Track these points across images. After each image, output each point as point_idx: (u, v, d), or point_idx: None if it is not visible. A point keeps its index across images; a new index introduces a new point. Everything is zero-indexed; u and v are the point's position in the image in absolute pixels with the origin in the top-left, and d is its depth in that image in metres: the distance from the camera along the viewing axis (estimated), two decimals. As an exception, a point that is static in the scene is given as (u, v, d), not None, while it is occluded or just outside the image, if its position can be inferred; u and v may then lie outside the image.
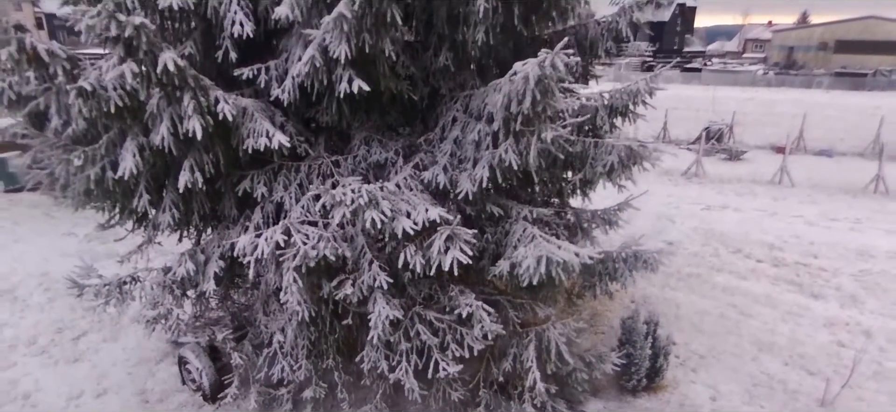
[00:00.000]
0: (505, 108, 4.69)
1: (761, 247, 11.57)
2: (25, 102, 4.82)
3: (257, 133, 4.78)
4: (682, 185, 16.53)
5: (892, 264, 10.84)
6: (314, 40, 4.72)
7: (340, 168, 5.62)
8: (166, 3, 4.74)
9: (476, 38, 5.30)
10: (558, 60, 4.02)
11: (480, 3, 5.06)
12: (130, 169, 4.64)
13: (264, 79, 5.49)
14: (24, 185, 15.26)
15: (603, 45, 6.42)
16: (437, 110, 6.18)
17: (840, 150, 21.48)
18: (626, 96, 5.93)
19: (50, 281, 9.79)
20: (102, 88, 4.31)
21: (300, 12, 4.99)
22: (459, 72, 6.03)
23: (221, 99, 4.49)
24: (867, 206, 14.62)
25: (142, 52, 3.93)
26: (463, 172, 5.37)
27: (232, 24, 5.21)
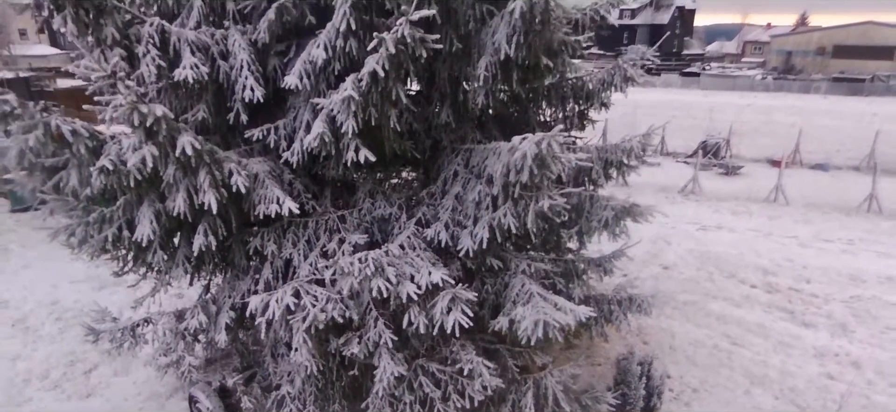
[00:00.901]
0: (504, 176, 4.93)
1: (755, 271, 11.81)
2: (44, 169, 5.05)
3: (268, 199, 5.01)
4: (680, 204, 16.77)
5: (883, 289, 11.09)
6: (322, 111, 4.96)
7: (346, 223, 5.86)
8: (181, 76, 4.98)
9: (476, 100, 5.54)
10: (554, 143, 4.26)
11: (480, 71, 5.30)
12: (148, 235, 4.88)
13: (273, 138, 5.73)
14: (30, 205, 15.50)
15: (598, 98, 6.65)
16: (439, 162, 6.42)
17: (836, 163, 21.73)
18: (621, 152, 6.16)
19: (60, 310, 10.03)
20: (122, 164, 4.55)
21: (308, 81, 5.25)
22: (460, 125, 6.27)
23: (235, 171, 4.73)
24: (860, 225, 14.86)
25: (162, 136, 4.17)
26: (464, 229, 5.61)
27: (243, 90, 5.46)
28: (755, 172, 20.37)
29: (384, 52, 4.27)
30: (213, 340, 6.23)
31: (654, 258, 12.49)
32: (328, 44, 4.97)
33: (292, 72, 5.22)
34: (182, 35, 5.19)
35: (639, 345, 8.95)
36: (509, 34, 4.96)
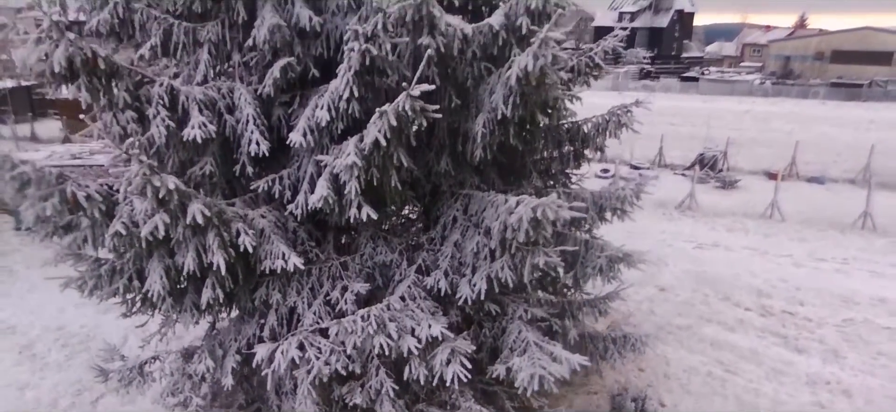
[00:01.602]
0: (501, 232, 5.12)
1: (750, 293, 12.00)
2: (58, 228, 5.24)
3: (274, 255, 5.20)
4: (676, 220, 16.96)
5: (875, 312, 11.29)
6: (325, 170, 5.15)
7: (348, 270, 6.05)
8: (190, 137, 5.16)
9: (475, 153, 5.72)
10: (549, 211, 4.44)
11: (479, 128, 5.49)
12: (158, 290, 5.06)
13: (278, 189, 5.92)
14: (35, 223, 15.68)
15: (594, 142, 6.84)
16: (438, 205, 6.61)
17: (832, 176, 21.91)
18: (615, 199, 6.35)
19: (67, 336, 10.22)
20: (134, 225, 4.73)
21: (312, 137, 5.43)
22: (459, 171, 6.45)
23: (242, 231, 4.91)
24: (855, 243, 15.06)
25: (173, 204, 4.35)
26: (463, 278, 5.80)
27: (249, 144, 5.64)
28: (752, 185, 20.56)
29: (386, 123, 4.46)
30: (220, 382, 6.41)
31: (651, 279, 12.66)
32: (331, 105, 5.15)
33: (297, 129, 5.40)
34: (190, 94, 5.37)
35: (634, 372, 9.13)
36: (506, 95, 5.14)
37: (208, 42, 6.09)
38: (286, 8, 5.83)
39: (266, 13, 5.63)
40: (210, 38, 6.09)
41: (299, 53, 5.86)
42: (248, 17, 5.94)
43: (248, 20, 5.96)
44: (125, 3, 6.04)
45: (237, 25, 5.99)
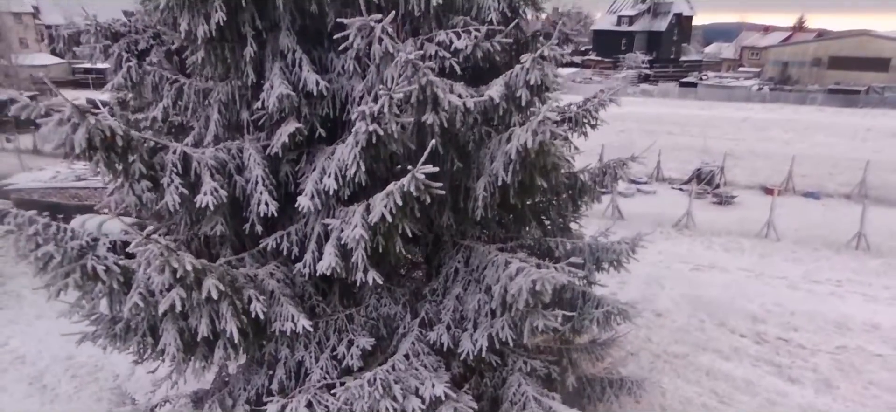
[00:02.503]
0: (501, 295, 5.33)
1: (745, 318, 12.23)
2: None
3: (283, 317, 5.41)
4: (673, 239, 17.18)
5: (868, 338, 11.52)
6: (332, 235, 5.37)
7: (354, 323, 6.26)
8: (203, 203, 5.37)
9: (476, 213, 5.94)
10: (548, 284, 4.66)
11: (480, 191, 5.71)
12: (172, 352, 5.27)
13: (286, 245, 6.14)
14: (40, 244, 15.88)
15: (592, 193, 7.05)
16: (440, 255, 6.84)
17: (828, 190, 22.14)
18: (612, 254, 6.56)
19: (76, 366, 10.42)
20: (150, 293, 4.94)
21: (319, 201, 5.64)
22: (461, 223, 6.67)
23: (254, 298, 5.12)
24: (849, 264, 15.29)
25: (190, 280, 4.56)
26: (465, 332, 6.02)
27: (258, 205, 5.85)
28: (749, 201, 20.78)
29: (392, 202, 4.67)
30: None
31: (648, 303, 12.88)
32: (338, 173, 5.37)
33: (305, 193, 5.61)
34: (202, 159, 5.57)
35: (631, 404, 9.35)
36: (506, 163, 5.36)
37: (218, 102, 6.31)
38: (293, 71, 6.05)
39: (274, 79, 5.84)
40: (220, 98, 6.31)
41: (306, 114, 6.08)
42: (257, 78, 6.15)
43: (257, 81, 6.18)
44: (137, 66, 6.27)
45: (246, 86, 6.21)
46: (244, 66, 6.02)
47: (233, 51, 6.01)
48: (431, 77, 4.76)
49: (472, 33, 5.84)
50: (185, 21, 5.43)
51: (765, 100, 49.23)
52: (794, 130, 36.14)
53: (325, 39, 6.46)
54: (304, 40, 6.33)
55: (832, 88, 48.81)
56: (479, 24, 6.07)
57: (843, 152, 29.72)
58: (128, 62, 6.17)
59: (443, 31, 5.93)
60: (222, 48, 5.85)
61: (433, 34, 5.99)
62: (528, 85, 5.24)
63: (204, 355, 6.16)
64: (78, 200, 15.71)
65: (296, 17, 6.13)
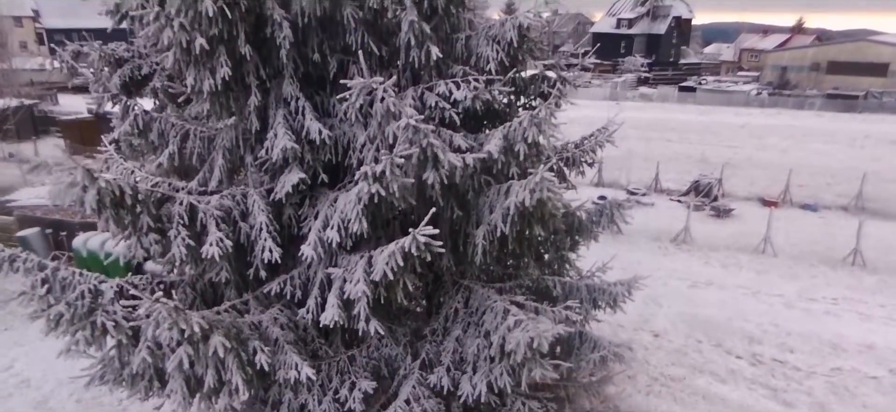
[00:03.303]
0: (500, 345, 5.47)
1: (741, 339, 12.37)
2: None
3: (288, 365, 5.55)
4: (671, 254, 17.31)
5: (863, 360, 11.66)
6: (335, 285, 5.50)
7: (356, 364, 6.40)
8: (209, 254, 5.50)
9: (475, 259, 6.07)
10: (545, 341, 4.79)
11: (479, 240, 5.84)
12: (178, 399, 5.41)
13: (289, 289, 6.27)
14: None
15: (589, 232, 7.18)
16: (440, 293, 6.98)
17: (825, 202, 22.27)
18: (608, 296, 6.70)
19: (80, 390, 10.53)
20: (158, 346, 5.08)
21: (323, 250, 5.78)
22: (460, 264, 6.80)
23: (259, 349, 5.26)
24: (845, 281, 15.43)
25: (197, 338, 4.70)
26: (464, 375, 6.16)
27: (262, 251, 5.98)
28: (746, 213, 20.90)
29: (394, 261, 4.80)
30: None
31: (645, 323, 13.03)
32: (341, 226, 5.50)
33: (308, 242, 5.75)
34: (208, 210, 5.71)
35: (628, 431, 9.51)
36: (504, 215, 5.50)
37: (223, 147, 6.44)
38: (296, 119, 6.18)
39: (278, 128, 5.97)
40: (224, 144, 6.45)
41: (309, 160, 6.22)
42: (261, 125, 6.29)
43: (261, 128, 6.31)
44: (144, 113, 6.40)
45: (250, 132, 6.34)
46: (248, 114, 6.15)
47: (237, 99, 6.14)
48: (432, 138, 4.90)
49: (472, 84, 5.97)
50: (191, 76, 5.56)
51: (763, 105, 49.33)
52: (793, 137, 36.28)
53: (327, 84, 6.61)
54: (306, 86, 6.48)
55: (831, 93, 48.93)
56: (477, 72, 6.20)
57: (841, 161, 29.86)
58: (134, 110, 6.30)
59: (442, 80, 6.07)
60: (227, 99, 5.98)
61: (433, 83, 6.12)
62: (525, 140, 5.37)
63: (209, 396, 6.30)
64: (81, 217, 15.81)
65: (299, 65, 6.27)
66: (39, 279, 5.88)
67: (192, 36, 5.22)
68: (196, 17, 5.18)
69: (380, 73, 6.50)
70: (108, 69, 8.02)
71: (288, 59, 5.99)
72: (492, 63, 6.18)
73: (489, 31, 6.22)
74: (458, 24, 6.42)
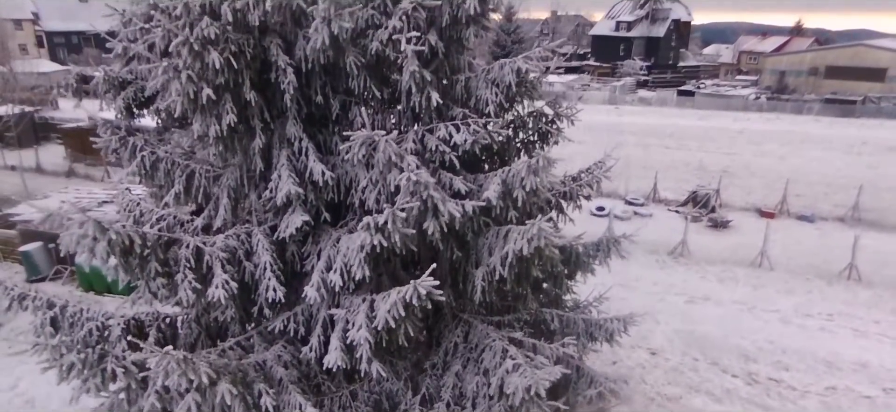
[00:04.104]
0: (498, 386, 5.62)
1: (737, 357, 12.53)
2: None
3: (292, 405, 5.69)
4: (669, 268, 17.46)
5: (857, 379, 11.83)
6: (338, 327, 5.65)
7: (357, 399, 6.54)
8: (214, 297, 5.64)
9: (474, 296, 6.22)
10: (542, 389, 4.94)
11: (477, 281, 5.99)
12: (186, 440, 5.55)
13: (293, 326, 6.42)
14: (46, 276, 16.17)
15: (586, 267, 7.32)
16: (440, 326, 7.11)
17: (822, 213, 22.41)
18: (604, 331, 6.84)
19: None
20: (166, 391, 5.22)
21: (325, 292, 5.92)
22: (459, 298, 6.95)
23: (264, 392, 5.40)
24: (840, 296, 15.59)
25: (205, 386, 4.84)
26: (463, 410, 6.30)
27: (267, 290, 6.13)
28: (744, 224, 21.05)
29: (395, 310, 4.95)
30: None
31: (643, 340, 13.17)
32: (343, 270, 5.64)
33: (311, 284, 5.88)
34: (213, 253, 5.84)
35: (625, 452, 9.66)
36: (503, 259, 5.64)
37: (228, 186, 6.58)
38: (300, 159, 6.32)
39: (282, 171, 6.12)
40: (229, 183, 6.58)
41: (312, 200, 6.36)
42: (265, 165, 6.43)
43: (265, 167, 6.45)
44: (150, 153, 6.54)
45: (254, 171, 6.48)
46: (253, 155, 6.29)
47: (241, 141, 6.28)
48: (432, 191, 5.04)
49: (471, 126, 6.11)
50: (198, 122, 5.70)
51: (762, 109, 49.47)
52: (791, 144, 36.43)
53: (330, 123, 6.75)
54: (310, 125, 6.62)
55: (829, 98, 49.08)
56: (477, 114, 6.34)
57: (839, 168, 30.02)
58: (141, 151, 6.44)
59: (443, 123, 6.21)
60: (232, 141, 6.11)
61: (434, 125, 6.27)
62: (523, 187, 5.51)
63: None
64: (83, 232, 15.93)
65: (302, 106, 6.42)
66: (48, 318, 6.01)
67: (199, 86, 5.36)
68: (203, 69, 5.32)
69: (382, 114, 6.66)
70: (112, 91, 8.15)
71: (292, 101, 6.13)
72: (491, 105, 6.32)
73: (488, 74, 6.36)
74: (457, 65, 6.56)
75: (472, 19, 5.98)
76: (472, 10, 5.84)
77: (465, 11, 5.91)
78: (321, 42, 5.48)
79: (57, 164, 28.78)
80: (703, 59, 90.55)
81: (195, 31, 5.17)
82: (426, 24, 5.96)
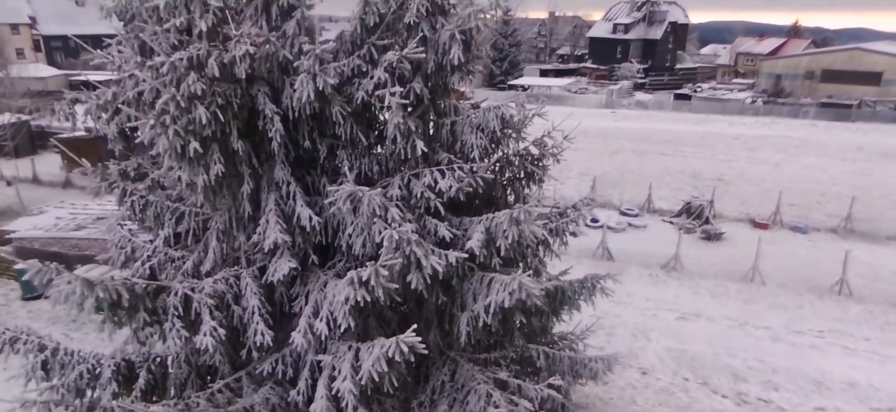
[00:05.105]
0: (484, 431, 5.71)
1: (727, 377, 12.63)
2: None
3: (279, 451, 5.78)
4: (662, 283, 17.55)
5: (845, 399, 11.94)
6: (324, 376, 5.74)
7: (346, 439, 6.63)
8: (202, 345, 5.73)
9: (460, 341, 6.31)
10: (523, 441, 5.04)
11: (463, 327, 6.08)
12: (175, 486, 5.64)
13: (281, 368, 6.51)
14: (42, 293, 16.20)
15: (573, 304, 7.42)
16: (428, 364, 7.21)
17: (815, 222, 22.53)
18: (589, 370, 6.94)
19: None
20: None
21: (313, 338, 6.01)
22: (447, 337, 7.04)
23: (251, 441, 5.49)
24: (831, 311, 15.70)
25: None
26: (450, 451, 6.40)
27: (255, 334, 6.22)
28: (737, 236, 21.17)
29: (379, 364, 5.04)
30: None
31: (634, 359, 13.27)
32: (329, 319, 5.73)
33: (299, 330, 5.97)
34: (202, 300, 5.93)
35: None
36: (486, 308, 5.73)
37: (217, 230, 6.67)
38: (288, 203, 6.42)
39: (270, 217, 6.21)
40: (218, 226, 6.67)
41: (300, 243, 6.45)
42: (253, 208, 6.51)
43: (253, 210, 6.54)
44: (140, 198, 6.62)
45: (243, 216, 6.57)
46: (241, 199, 6.38)
47: (230, 186, 6.36)
48: (415, 248, 5.13)
49: (456, 173, 6.20)
50: (186, 173, 5.78)
51: (758, 113, 49.66)
52: (786, 150, 36.58)
53: (317, 165, 6.84)
54: (297, 167, 6.72)
55: (824, 102, 49.28)
56: (462, 158, 6.44)
57: (833, 176, 30.18)
58: (131, 196, 6.52)
59: (429, 169, 6.30)
60: (220, 188, 6.20)
61: (420, 170, 6.36)
62: (505, 237, 5.61)
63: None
64: (78, 250, 16.02)
65: (289, 150, 6.50)
66: (39, 361, 6.10)
67: (186, 140, 5.44)
68: (190, 123, 5.40)
69: (368, 156, 6.74)
70: (106, 116, 8.21)
71: (279, 146, 6.22)
72: (476, 150, 6.42)
73: (473, 118, 6.45)
74: (443, 109, 6.66)
75: (457, 68, 6.07)
76: (456, 60, 5.93)
77: (449, 60, 6.01)
78: (307, 95, 5.57)
79: (53, 174, 28.82)
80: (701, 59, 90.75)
81: (182, 88, 5.26)
82: (411, 71, 6.05)
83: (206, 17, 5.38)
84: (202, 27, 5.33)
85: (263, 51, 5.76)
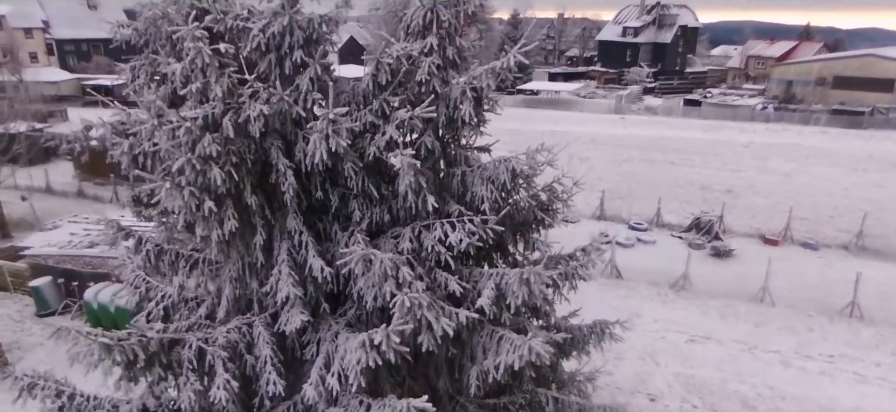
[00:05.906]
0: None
1: (736, 404, 12.62)
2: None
3: None
4: (670, 302, 17.52)
5: (854, 429, 11.90)
6: (336, 429, 5.80)
7: (353, 486, 6.69)
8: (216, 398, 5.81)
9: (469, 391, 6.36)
10: None
11: (472, 380, 6.13)
12: None
13: (292, 416, 6.58)
14: (55, 310, 16.44)
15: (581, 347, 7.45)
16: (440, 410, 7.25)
17: (826, 238, 22.40)
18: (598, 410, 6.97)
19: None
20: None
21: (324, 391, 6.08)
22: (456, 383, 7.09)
23: (263, 497, 5.57)
24: (842, 335, 15.61)
25: None
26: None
27: (267, 384, 6.29)
28: (747, 252, 21.07)
29: (389, 427, 5.10)
30: None
31: (642, 384, 13.28)
32: (341, 374, 5.80)
33: (311, 383, 6.03)
34: (215, 352, 6.02)
35: None
36: (496, 365, 5.78)
37: (230, 278, 6.76)
38: (300, 253, 6.48)
39: (282, 268, 6.28)
40: (231, 274, 6.76)
41: (312, 292, 6.52)
42: (266, 257, 6.59)
43: (266, 260, 6.61)
44: (154, 247, 6.72)
45: (256, 266, 6.65)
46: (254, 249, 6.45)
47: (243, 237, 6.44)
48: (426, 312, 5.19)
49: (467, 226, 6.24)
50: (200, 228, 5.86)
51: (769, 120, 49.33)
52: (796, 159, 36.32)
53: (329, 213, 6.91)
54: (310, 215, 6.79)
55: (836, 109, 48.85)
56: (473, 211, 6.48)
57: (845, 188, 29.94)
58: (146, 245, 6.62)
59: (439, 221, 6.35)
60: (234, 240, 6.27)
61: (430, 222, 6.41)
62: (514, 295, 5.65)
63: None
64: (91, 268, 16.23)
65: (302, 200, 6.57)
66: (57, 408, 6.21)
67: (201, 199, 5.52)
68: (204, 182, 5.48)
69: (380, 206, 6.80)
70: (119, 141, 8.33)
71: (292, 198, 6.29)
72: (486, 202, 6.46)
73: (484, 171, 6.50)
74: (454, 159, 6.71)
75: (467, 123, 6.12)
76: (466, 117, 5.98)
77: (460, 115, 6.06)
78: (319, 156, 5.63)
79: (66, 184, 29.13)
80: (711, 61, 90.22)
81: (198, 150, 5.33)
82: (422, 126, 6.11)
83: (222, 81, 5.46)
84: (218, 92, 5.41)
85: (277, 107, 5.84)
